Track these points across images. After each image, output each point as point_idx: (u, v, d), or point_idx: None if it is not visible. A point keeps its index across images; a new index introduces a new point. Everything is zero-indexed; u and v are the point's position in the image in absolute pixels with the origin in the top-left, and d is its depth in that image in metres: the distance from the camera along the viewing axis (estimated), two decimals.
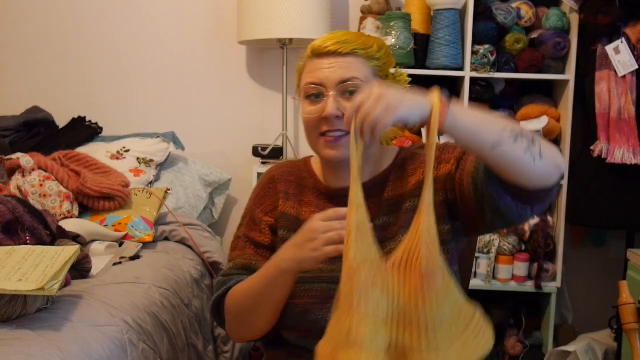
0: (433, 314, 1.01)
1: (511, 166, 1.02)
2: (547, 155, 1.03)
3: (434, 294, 1.01)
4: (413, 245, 1.02)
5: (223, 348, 2.07)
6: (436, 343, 1.01)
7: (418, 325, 1.01)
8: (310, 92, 1.19)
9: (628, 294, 1.55)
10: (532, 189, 1.05)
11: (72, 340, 1.21)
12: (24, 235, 1.54)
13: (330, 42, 1.19)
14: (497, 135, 1.00)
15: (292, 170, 1.33)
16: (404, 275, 1.02)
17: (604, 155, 2.23)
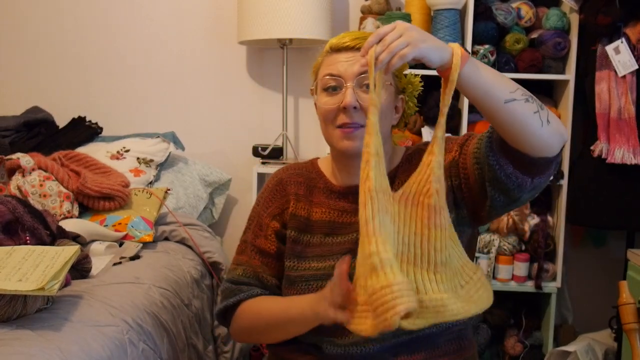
0: (437, 252, 1.03)
1: (520, 125, 1.03)
2: (553, 121, 1.06)
3: (440, 231, 1.03)
4: (422, 180, 1.04)
5: (223, 348, 2.06)
6: (438, 284, 1.02)
7: (421, 262, 1.03)
8: (328, 84, 1.21)
9: (628, 294, 1.56)
10: (535, 155, 1.06)
11: (72, 340, 1.21)
12: (24, 235, 1.54)
13: (349, 38, 1.21)
14: (510, 91, 1.03)
15: (300, 171, 1.34)
16: (412, 208, 1.04)
17: (604, 155, 2.23)
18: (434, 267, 1.03)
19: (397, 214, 1.03)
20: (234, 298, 1.28)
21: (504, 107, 1.03)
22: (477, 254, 2.39)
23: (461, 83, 1.03)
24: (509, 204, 1.15)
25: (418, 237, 1.03)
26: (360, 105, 1.18)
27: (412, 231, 1.03)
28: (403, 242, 1.03)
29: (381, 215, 1.00)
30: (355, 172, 1.22)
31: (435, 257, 1.03)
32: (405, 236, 1.03)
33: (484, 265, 2.45)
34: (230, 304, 1.28)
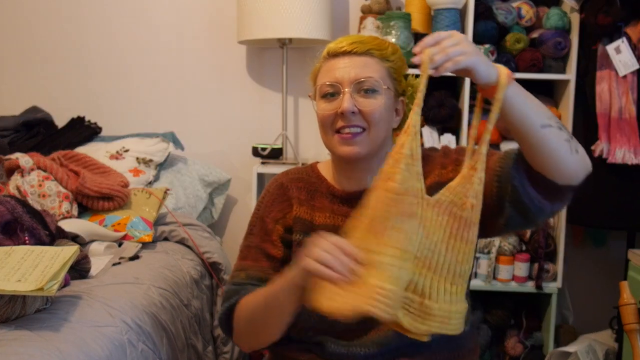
0: (458, 264, 1.04)
1: (551, 151, 1.06)
2: (581, 152, 1.09)
3: (466, 245, 1.04)
4: (460, 192, 1.04)
5: (222, 348, 2.06)
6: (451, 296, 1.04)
7: (441, 270, 1.04)
8: (326, 91, 1.21)
9: (629, 294, 1.55)
10: (560, 182, 1.09)
11: (71, 340, 1.21)
12: (23, 236, 1.53)
13: (346, 43, 1.21)
14: (547, 117, 1.06)
15: (300, 176, 1.33)
16: (443, 217, 1.04)
17: (604, 155, 2.23)
18: (452, 278, 1.04)
19: (429, 220, 1.04)
20: (235, 297, 1.26)
21: (540, 132, 1.04)
22: (477, 254, 2.38)
23: (504, 103, 1.04)
24: (523, 225, 1.17)
25: (444, 245, 1.04)
26: (358, 110, 1.18)
27: (439, 239, 1.04)
28: (429, 248, 1.04)
29: (399, 218, 1.01)
30: (355, 177, 1.24)
31: (455, 268, 1.04)
32: (432, 243, 1.04)
33: (485, 265, 2.44)
34: (232, 303, 1.25)
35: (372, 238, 1.01)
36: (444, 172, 1.21)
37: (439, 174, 1.22)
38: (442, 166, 1.22)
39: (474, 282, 2.45)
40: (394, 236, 1.01)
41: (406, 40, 2.33)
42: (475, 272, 2.47)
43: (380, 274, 1.00)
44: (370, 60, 1.21)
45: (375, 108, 1.18)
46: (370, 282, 1.00)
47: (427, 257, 1.03)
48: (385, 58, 1.22)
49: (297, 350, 1.24)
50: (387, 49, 1.23)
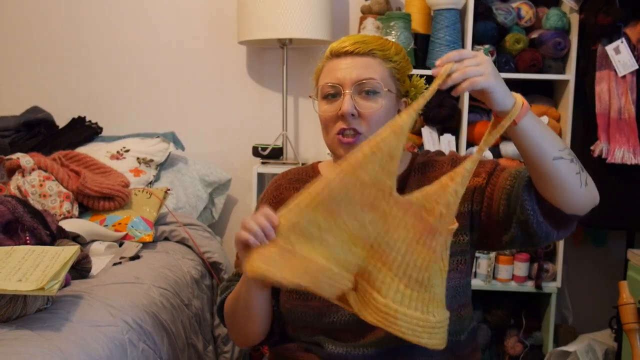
0: (416, 268, 1.03)
1: (561, 183, 1.06)
2: (590, 184, 1.10)
3: (427, 252, 1.03)
4: (432, 198, 1.03)
5: (223, 348, 2.06)
6: (403, 298, 1.04)
7: (397, 270, 1.04)
8: (327, 91, 1.21)
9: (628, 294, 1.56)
10: (569, 212, 1.09)
11: (72, 340, 1.21)
12: (24, 235, 1.54)
13: (348, 43, 1.21)
14: (559, 149, 1.05)
15: (299, 177, 1.33)
16: (409, 218, 1.03)
17: (604, 155, 2.23)
18: (407, 280, 1.04)
19: (395, 217, 1.03)
20: (223, 295, 1.32)
21: (551, 164, 1.04)
22: (477, 254, 2.38)
23: (517, 133, 1.04)
24: (527, 245, 1.17)
25: (404, 245, 1.03)
26: (358, 112, 1.18)
27: (400, 238, 1.03)
28: (388, 243, 1.04)
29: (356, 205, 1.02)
30: None
31: (412, 273, 1.03)
32: (392, 239, 1.03)
33: (484, 265, 2.45)
34: (221, 300, 1.32)
35: (326, 215, 1.02)
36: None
37: None
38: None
39: (474, 282, 2.45)
40: (349, 221, 1.02)
41: (406, 40, 2.33)
42: (475, 272, 2.47)
43: (323, 251, 1.03)
44: (372, 61, 1.20)
45: (374, 111, 1.18)
46: (311, 256, 1.02)
47: (385, 252, 1.04)
48: (388, 58, 1.21)
49: (297, 350, 1.24)
50: (391, 49, 1.22)
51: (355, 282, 1.07)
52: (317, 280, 1.03)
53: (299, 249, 1.03)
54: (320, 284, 1.03)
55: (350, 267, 1.05)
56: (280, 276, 1.02)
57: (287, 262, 1.02)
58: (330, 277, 1.03)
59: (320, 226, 1.03)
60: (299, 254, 1.03)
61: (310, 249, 1.03)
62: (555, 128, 2.44)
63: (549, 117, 2.43)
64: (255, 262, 1.04)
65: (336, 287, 1.04)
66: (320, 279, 1.03)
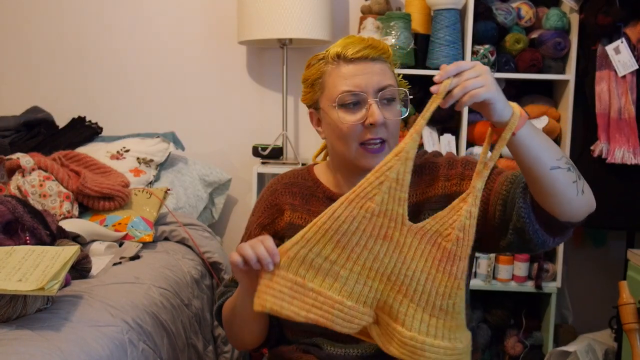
0: (439, 296, 1.01)
1: (558, 192, 1.05)
2: (587, 192, 1.09)
3: (448, 278, 1.01)
4: (447, 222, 1.02)
5: (223, 348, 2.06)
6: (429, 327, 1.02)
7: (419, 300, 1.01)
8: (348, 100, 1.17)
9: (628, 294, 1.56)
10: (564, 220, 1.08)
11: (72, 340, 1.21)
12: (24, 235, 1.54)
13: (360, 47, 1.17)
14: (557, 158, 1.04)
15: (295, 181, 1.32)
16: (426, 246, 1.02)
17: (604, 155, 2.23)
18: (431, 310, 1.02)
19: (409, 246, 1.01)
20: (220, 300, 1.32)
21: (548, 174, 1.03)
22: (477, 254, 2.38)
23: (514, 144, 1.03)
24: (523, 251, 1.17)
25: (424, 275, 1.01)
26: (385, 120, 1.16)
27: (419, 268, 1.01)
28: (406, 274, 1.01)
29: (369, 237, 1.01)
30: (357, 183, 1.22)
31: (435, 301, 1.01)
32: (409, 270, 1.01)
33: (484, 265, 2.45)
34: (218, 305, 1.32)
35: (334, 248, 1.01)
36: (447, 185, 1.19)
37: (442, 186, 1.20)
38: (446, 178, 1.20)
39: (474, 281, 2.45)
40: (361, 253, 1.01)
41: (406, 40, 2.33)
42: (475, 272, 2.47)
43: (335, 284, 1.01)
44: (383, 65, 1.19)
45: (397, 118, 1.18)
46: (322, 290, 1.00)
47: (404, 283, 1.01)
48: (389, 61, 1.21)
49: (295, 352, 1.24)
50: (388, 50, 1.21)
51: (376, 316, 1.04)
52: (329, 315, 1.01)
53: (308, 282, 1.01)
54: (332, 318, 1.01)
55: (368, 301, 1.02)
56: (291, 311, 1.00)
57: (297, 295, 1.00)
58: (342, 312, 1.01)
59: (330, 259, 1.01)
60: (309, 287, 1.00)
61: (321, 281, 1.01)
62: (555, 128, 2.44)
63: (549, 117, 2.43)
64: (264, 295, 1.01)
65: (353, 322, 1.02)
66: (332, 313, 1.00)
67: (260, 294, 1.02)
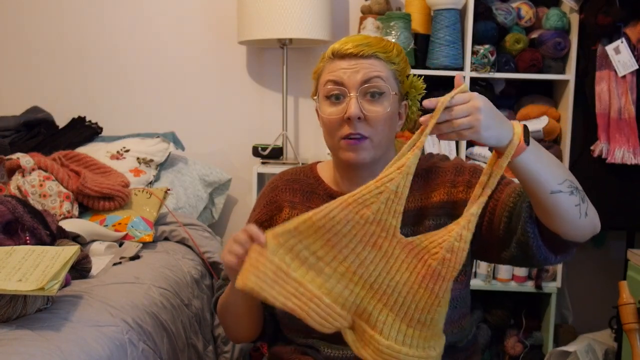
0: (418, 310, 1.02)
1: (559, 215, 1.04)
2: (591, 215, 1.07)
3: (429, 295, 1.02)
4: (436, 241, 1.02)
5: (223, 348, 2.06)
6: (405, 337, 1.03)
7: (399, 310, 1.03)
8: (330, 92, 1.18)
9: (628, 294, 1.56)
10: (567, 239, 1.07)
11: (72, 340, 1.21)
12: (24, 235, 1.54)
13: (352, 44, 1.18)
14: (558, 182, 1.03)
15: (296, 178, 1.32)
16: (413, 260, 1.03)
17: (604, 155, 2.23)
18: (409, 321, 1.03)
19: (396, 258, 1.03)
20: (217, 294, 1.33)
21: (549, 197, 1.02)
22: None
23: (513, 167, 1.02)
24: (524, 265, 1.18)
25: (406, 288, 1.02)
26: (364, 115, 1.15)
27: (402, 280, 1.02)
28: (389, 285, 1.03)
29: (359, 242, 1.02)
30: (357, 180, 1.21)
31: (414, 314, 1.02)
32: (393, 281, 1.02)
33: (484, 265, 2.45)
34: (215, 298, 1.33)
35: (324, 245, 1.02)
36: (453, 192, 1.19)
37: (448, 192, 1.19)
38: (453, 184, 1.20)
39: (474, 281, 2.45)
40: (349, 257, 1.02)
41: (406, 40, 2.33)
42: (475, 272, 2.47)
43: (318, 279, 1.02)
44: (376, 62, 1.18)
45: (380, 114, 1.16)
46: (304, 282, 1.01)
47: (386, 292, 1.03)
48: (390, 61, 1.20)
49: (293, 353, 1.24)
50: (393, 51, 1.21)
51: (353, 322, 1.05)
52: (306, 307, 1.01)
53: (292, 271, 1.01)
54: (308, 310, 1.01)
55: (347, 305, 1.03)
56: (270, 295, 1.00)
57: (279, 281, 1.01)
58: (319, 307, 1.02)
59: (317, 254, 1.02)
60: (292, 276, 1.01)
61: (304, 273, 1.02)
62: (555, 128, 2.44)
63: (549, 117, 2.43)
64: (247, 274, 1.01)
65: (327, 319, 1.03)
66: (309, 306, 1.01)
67: (244, 272, 1.01)
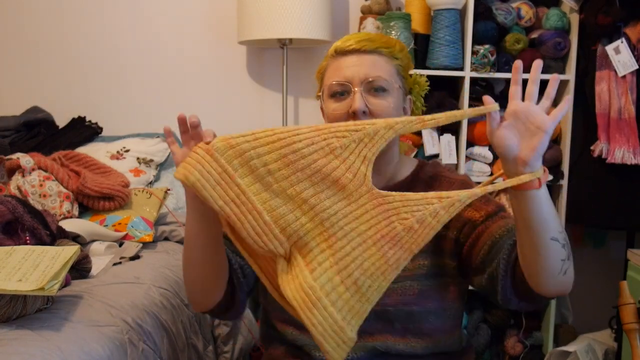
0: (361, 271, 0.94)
1: (544, 263, 1.01)
2: (568, 275, 1.04)
3: (381, 259, 0.95)
4: (412, 207, 0.97)
5: (223, 348, 2.06)
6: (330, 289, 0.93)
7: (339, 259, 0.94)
8: (335, 90, 1.19)
9: (628, 294, 1.56)
10: (537, 290, 1.05)
11: (72, 340, 1.21)
12: (24, 235, 1.54)
13: (354, 41, 1.19)
14: (559, 230, 1.01)
15: None
16: (378, 217, 0.96)
17: (604, 155, 2.23)
18: (345, 276, 0.94)
19: (360, 206, 0.95)
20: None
21: (547, 243, 0.99)
22: None
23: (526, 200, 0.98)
24: (489, 298, 1.14)
25: (359, 239, 0.94)
26: (369, 110, 1.16)
27: (358, 230, 0.95)
28: (342, 228, 0.94)
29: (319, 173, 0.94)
30: None
31: (354, 271, 0.94)
32: (348, 226, 0.94)
33: None
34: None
35: (279, 159, 0.93)
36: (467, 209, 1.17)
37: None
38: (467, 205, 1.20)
39: None
40: (303, 182, 0.94)
41: (406, 40, 2.33)
42: None
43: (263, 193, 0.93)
44: (379, 58, 1.19)
45: (385, 108, 1.17)
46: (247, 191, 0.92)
47: (336, 235, 0.94)
48: (393, 56, 1.21)
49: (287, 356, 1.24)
50: (395, 46, 1.22)
51: (290, 254, 0.95)
52: (243, 217, 0.92)
53: (238, 177, 0.92)
54: (244, 221, 0.92)
55: (288, 231, 0.93)
56: (210, 195, 0.91)
57: (222, 183, 0.91)
58: (257, 222, 0.92)
59: (269, 168, 0.93)
60: (236, 181, 0.92)
61: (250, 184, 0.93)
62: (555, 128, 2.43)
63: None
64: (190, 168, 0.92)
65: (261, 237, 0.92)
66: (246, 217, 0.92)
67: (187, 165, 0.92)
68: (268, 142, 0.93)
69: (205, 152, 0.92)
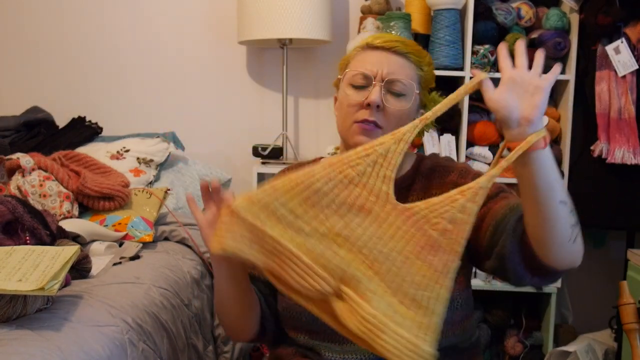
0: (411, 284, 0.94)
1: (555, 229, 1.00)
2: (578, 243, 1.04)
3: (428, 269, 0.94)
4: (438, 210, 0.96)
5: (223, 348, 2.06)
6: (392, 312, 0.94)
7: (390, 282, 0.94)
8: (356, 79, 1.20)
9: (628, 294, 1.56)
10: (547, 263, 1.04)
11: (72, 340, 1.21)
12: (24, 235, 1.53)
13: (387, 38, 1.20)
14: (565, 194, 1.00)
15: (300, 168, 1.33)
16: (411, 229, 0.96)
17: (604, 155, 2.23)
18: (402, 296, 0.94)
19: (390, 224, 0.95)
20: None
21: (556, 207, 0.98)
22: None
23: (532, 162, 0.96)
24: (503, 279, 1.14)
25: (401, 257, 0.94)
26: (384, 105, 1.17)
27: (397, 248, 0.94)
28: (381, 252, 0.94)
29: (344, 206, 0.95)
30: None
31: (408, 289, 0.94)
32: (386, 247, 0.94)
33: None
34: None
35: (303, 203, 0.94)
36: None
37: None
38: (455, 186, 1.16)
39: (474, 281, 2.45)
40: (331, 217, 0.94)
41: None
42: (475, 272, 2.47)
43: (297, 238, 0.94)
44: (406, 62, 1.20)
45: (399, 110, 1.17)
46: (281, 240, 0.93)
47: (377, 259, 0.94)
48: (420, 66, 1.22)
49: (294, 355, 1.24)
50: (425, 58, 1.23)
51: (340, 291, 0.96)
52: (286, 265, 0.93)
53: (268, 229, 0.93)
54: (288, 270, 0.93)
55: (330, 267, 0.94)
56: (251, 254, 0.93)
57: (256, 239, 0.93)
58: (298, 266, 0.93)
59: (295, 213, 0.94)
60: (268, 234, 0.93)
61: (282, 232, 0.93)
62: (555, 128, 2.44)
63: (549, 117, 2.43)
64: (222, 238, 0.93)
65: (307, 280, 0.93)
66: (288, 265, 0.93)
67: (219, 237, 0.94)
68: (287, 190, 0.94)
69: (231, 216, 0.94)
